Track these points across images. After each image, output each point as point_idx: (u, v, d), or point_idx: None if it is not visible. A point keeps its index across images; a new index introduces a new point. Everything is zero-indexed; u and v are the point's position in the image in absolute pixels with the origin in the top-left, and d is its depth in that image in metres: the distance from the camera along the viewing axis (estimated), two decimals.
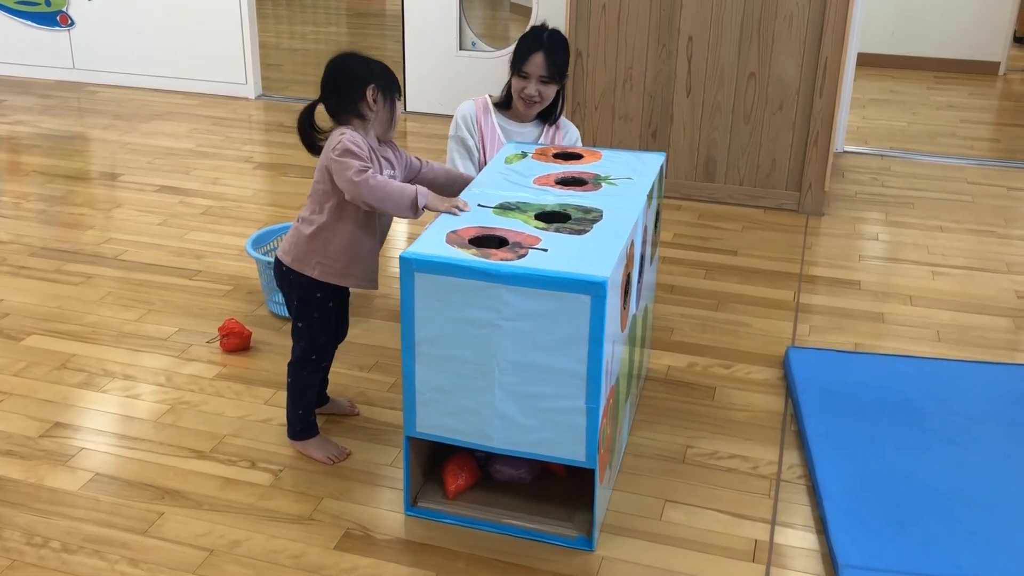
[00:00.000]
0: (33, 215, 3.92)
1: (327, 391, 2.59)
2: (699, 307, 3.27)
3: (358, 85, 2.28)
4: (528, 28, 3.01)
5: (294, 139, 2.44)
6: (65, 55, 5.88)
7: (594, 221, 2.14)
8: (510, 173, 2.45)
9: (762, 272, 3.56)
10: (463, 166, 2.92)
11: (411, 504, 2.21)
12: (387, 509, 2.24)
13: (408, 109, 5.48)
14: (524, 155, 2.59)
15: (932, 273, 3.59)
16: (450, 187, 2.44)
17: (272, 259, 3.05)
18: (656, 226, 2.65)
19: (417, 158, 2.46)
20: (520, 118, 3.01)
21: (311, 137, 2.35)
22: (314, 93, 2.41)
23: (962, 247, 3.84)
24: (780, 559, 2.12)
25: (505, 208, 2.20)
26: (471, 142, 2.96)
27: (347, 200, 2.22)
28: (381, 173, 2.26)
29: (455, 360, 2.01)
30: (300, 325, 2.36)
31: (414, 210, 2.16)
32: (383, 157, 2.32)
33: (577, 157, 2.59)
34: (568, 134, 3.05)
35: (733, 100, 4.11)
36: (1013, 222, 4.12)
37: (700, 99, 4.15)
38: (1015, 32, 7.16)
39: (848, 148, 5.07)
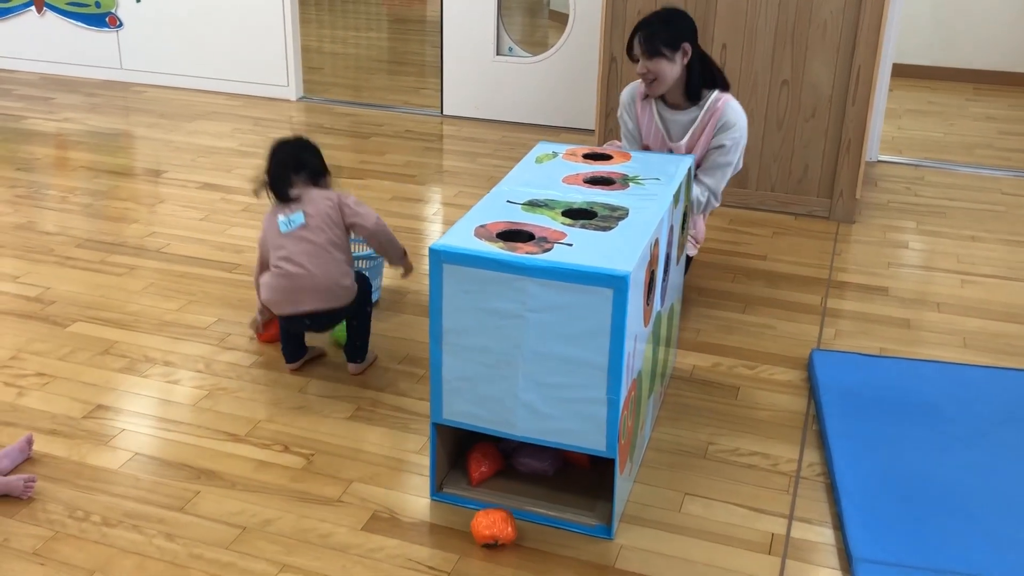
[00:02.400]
0: (80, 208, 4.05)
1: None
2: (726, 309, 3.31)
3: (318, 175, 2.84)
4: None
5: (333, 140, 2.60)
6: (113, 55, 6.04)
7: (620, 218, 2.20)
8: (540, 172, 2.52)
9: (791, 277, 3.59)
10: (626, 143, 3.28)
11: (436, 489, 2.28)
12: (413, 494, 2.31)
13: (445, 113, 5.57)
14: (555, 155, 2.66)
15: (962, 281, 3.60)
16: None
17: None
18: (684, 227, 2.70)
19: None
20: (672, 103, 3.12)
21: (286, 192, 2.74)
22: (353, 96, 2.61)
23: (993, 256, 3.85)
24: (796, 552, 2.16)
25: (533, 205, 2.27)
26: (630, 124, 3.22)
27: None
28: None
29: (481, 350, 2.08)
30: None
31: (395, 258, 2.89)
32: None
33: (607, 158, 2.65)
34: (724, 118, 3.04)
35: (766, 107, 4.15)
36: None
37: None
38: None
39: (882, 158, 5.08)
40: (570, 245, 2.05)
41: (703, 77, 3.08)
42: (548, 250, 2.02)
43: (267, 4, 5.62)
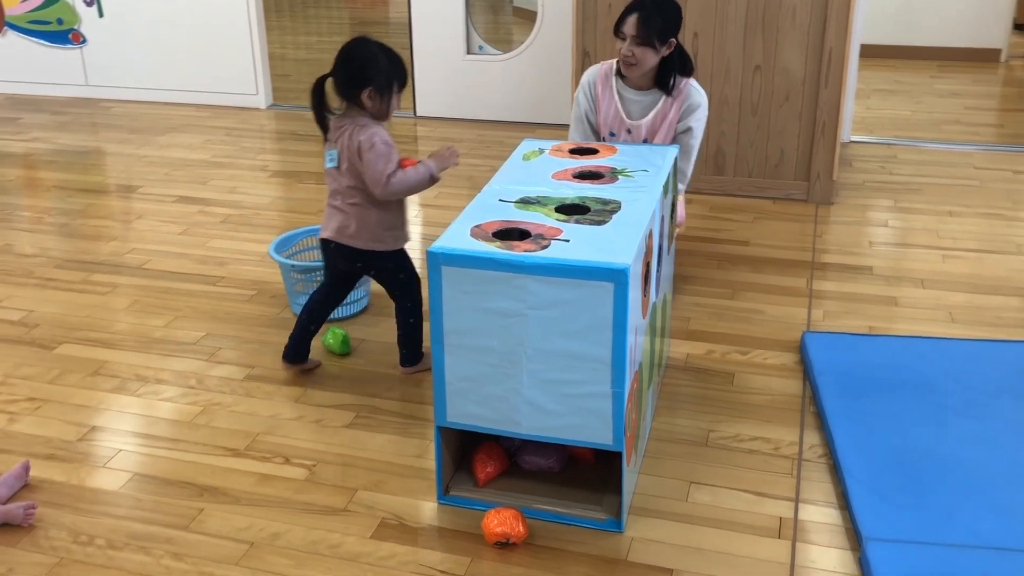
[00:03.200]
0: (55, 228, 4.00)
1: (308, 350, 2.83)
2: (714, 296, 3.33)
3: (357, 84, 2.52)
4: None
5: (307, 147, 2.58)
6: (78, 72, 5.97)
7: (613, 212, 2.20)
8: (528, 169, 2.51)
9: (774, 261, 3.61)
10: (572, 125, 3.29)
11: (443, 493, 2.27)
12: (420, 499, 2.30)
13: (418, 114, 5.55)
14: (541, 152, 2.65)
15: (943, 257, 3.64)
16: None
17: (295, 262, 3.14)
18: (672, 217, 2.71)
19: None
20: (637, 85, 3.15)
21: (322, 113, 2.58)
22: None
23: (972, 230, 3.89)
24: (805, 535, 2.17)
25: (526, 202, 2.27)
26: (584, 104, 3.21)
27: None
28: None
29: (483, 350, 2.07)
30: (403, 277, 2.73)
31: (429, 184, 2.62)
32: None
33: (592, 152, 2.65)
34: (689, 100, 3.13)
35: (740, 93, 4.17)
36: (1021, 204, 4.17)
37: (708, 93, 4.18)
38: (1015, 19, 7.19)
39: (854, 138, 5.12)
40: (567, 241, 2.04)
41: (677, 66, 3.13)
42: (546, 247, 2.02)
43: (232, 13, 5.57)
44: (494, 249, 2.01)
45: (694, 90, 3.16)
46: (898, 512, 2.15)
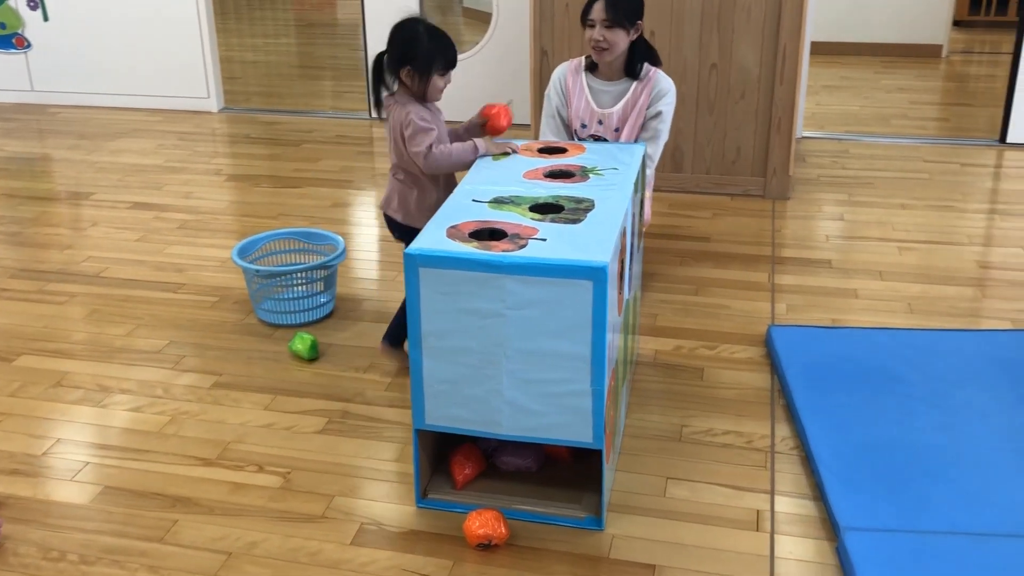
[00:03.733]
0: (7, 238, 3.90)
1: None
2: (679, 292, 3.36)
3: (398, 62, 2.59)
4: None
5: (262, 150, 2.55)
6: (23, 77, 5.83)
7: (587, 210, 2.20)
8: (499, 169, 2.51)
9: (736, 256, 3.65)
10: (543, 121, 3.34)
11: (421, 496, 2.26)
12: (398, 503, 2.28)
13: (374, 116, 5.51)
14: (512, 151, 2.65)
15: (899, 249, 3.71)
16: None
17: (258, 267, 3.10)
18: (640, 215, 2.72)
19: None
20: (607, 76, 3.21)
21: (378, 90, 2.66)
22: (276, 104, 2.54)
23: (924, 222, 3.97)
24: (782, 527, 2.19)
25: (499, 202, 2.26)
26: (555, 100, 3.25)
27: None
28: (442, 127, 2.65)
29: (462, 351, 2.06)
30: None
31: (474, 161, 2.59)
32: (438, 112, 2.67)
33: (562, 151, 2.65)
34: (658, 86, 3.19)
35: (697, 91, 4.21)
36: (970, 196, 4.26)
37: None
38: (955, 17, 7.37)
39: (807, 134, 5.20)
40: (544, 240, 2.04)
41: (644, 54, 3.20)
42: (523, 246, 2.01)
43: (182, 16, 5.48)
44: (472, 250, 2.00)
45: (662, 76, 3.23)
46: (873, 501, 2.18)
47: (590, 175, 2.45)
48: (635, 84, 3.19)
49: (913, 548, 2.03)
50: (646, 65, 3.21)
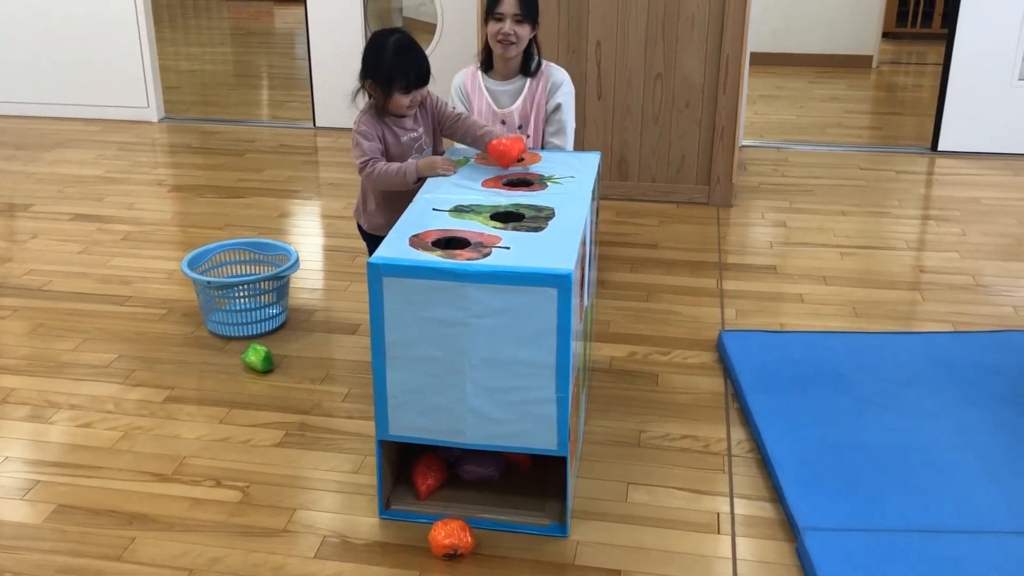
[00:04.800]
0: None
1: None
2: (630, 299, 3.39)
3: (362, 74, 2.63)
4: None
5: (205, 160, 2.53)
6: None
7: (548, 218, 2.22)
8: (458, 177, 2.51)
9: (683, 263, 3.71)
10: None
11: (384, 507, 2.25)
12: (360, 515, 2.26)
13: (318, 125, 5.47)
14: (467, 160, 2.66)
15: (840, 254, 3.80)
16: (479, 142, 2.72)
17: (209, 279, 3.06)
18: (595, 222, 2.75)
19: (456, 110, 2.82)
20: (503, 75, 3.23)
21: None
22: (218, 113, 2.56)
23: (864, 228, 4.08)
24: (742, 528, 2.23)
25: (460, 210, 2.27)
26: (460, 108, 3.22)
27: None
28: (399, 141, 2.66)
29: (426, 360, 2.06)
30: None
31: (412, 183, 2.56)
32: (399, 127, 2.67)
33: (519, 160, 2.67)
34: (552, 79, 3.24)
35: (642, 101, 4.27)
36: (907, 203, 4.39)
37: (611, 101, 4.29)
38: (884, 28, 7.58)
39: (747, 142, 5.30)
40: (507, 248, 2.06)
41: (538, 51, 3.27)
42: (487, 255, 2.02)
43: (120, 23, 5.38)
44: (436, 258, 2.00)
45: (555, 69, 3.28)
46: (830, 502, 2.23)
47: (548, 183, 2.47)
48: (530, 80, 3.23)
49: (870, 546, 2.08)
50: (538, 59, 3.26)
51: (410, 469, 2.32)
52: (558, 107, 3.24)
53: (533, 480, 2.33)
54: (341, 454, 2.49)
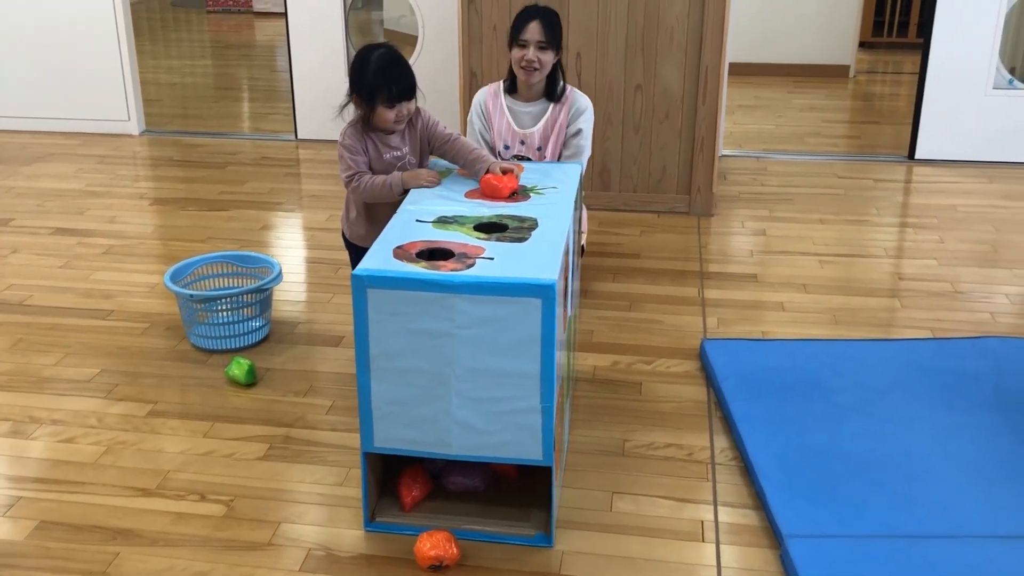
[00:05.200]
0: None
1: None
2: (613, 308, 3.41)
3: (349, 88, 2.66)
4: (523, 7, 3.26)
5: (186, 173, 2.53)
6: None
7: (531, 229, 2.24)
8: (441, 189, 2.53)
9: (665, 272, 3.73)
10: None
11: (370, 520, 2.25)
12: (345, 527, 2.26)
13: (300, 137, 5.47)
14: (449, 171, 2.68)
15: (820, 262, 3.83)
16: (469, 166, 2.69)
17: (192, 292, 3.05)
18: (579, 228, 2.77)
19: (448, 130, 2.76)
20: (526, 98, 3.31)
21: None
22: (199, 126, 2.57)
23: (842, 236, 4.11)
24: (726, 536, 2.24)
25: (443, 221, 2.28)
26: (477, 124, 3.33)
27: None
28: (381, 157, 2.68)
29: (411, 372, 2.06)
30: None
31: (399, 195, 2.57)
32: (383, 144, 2.69)
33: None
34: (576, 105, 3.30)
35: (623, 112, 4.29)
36: (885, 211, 4.43)
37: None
38: (860, 38, 7.66)
39: (726, 152, 5.33)
40: (491, 259, 2.07)
41: (563, 76, 3.34)
42: (471, 266, 2.03)
43: (100, 36, 5.36)
44: (420, 270, 2.01)
45: (579, 95, 3.35)
46: (812, 509, 2.25)
47: (531, 194, 2.48)
48: (553, 104, 3.30)
49: (853, 552, 2.10)
50: (562, 84, 3.32)
51: (395, 481, 2.32)
52: (578, 132, 3.31)
53: (518, 490, 2.33)
54: (325, 467, 2.49)
